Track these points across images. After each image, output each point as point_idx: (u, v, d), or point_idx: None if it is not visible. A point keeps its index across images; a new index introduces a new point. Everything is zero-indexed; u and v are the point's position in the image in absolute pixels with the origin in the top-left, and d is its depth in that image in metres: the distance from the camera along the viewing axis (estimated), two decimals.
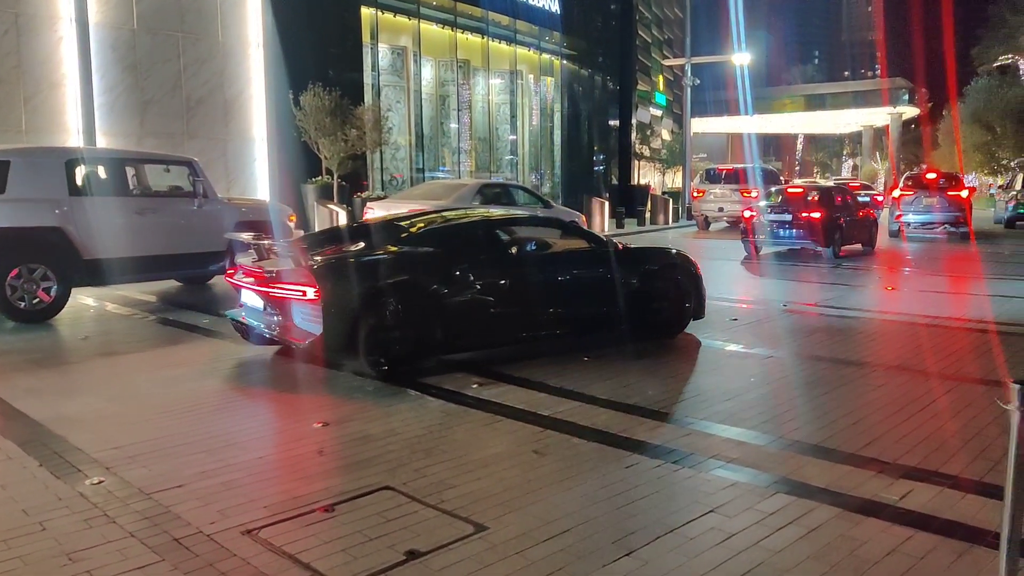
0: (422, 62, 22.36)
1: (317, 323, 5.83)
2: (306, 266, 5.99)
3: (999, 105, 45.18)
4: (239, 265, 6.82)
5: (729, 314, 9.23)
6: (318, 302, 5.77)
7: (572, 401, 5.57)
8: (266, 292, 6.21)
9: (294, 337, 6.02)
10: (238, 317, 6.73)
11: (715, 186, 23.58)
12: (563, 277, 7.19)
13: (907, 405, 5.52)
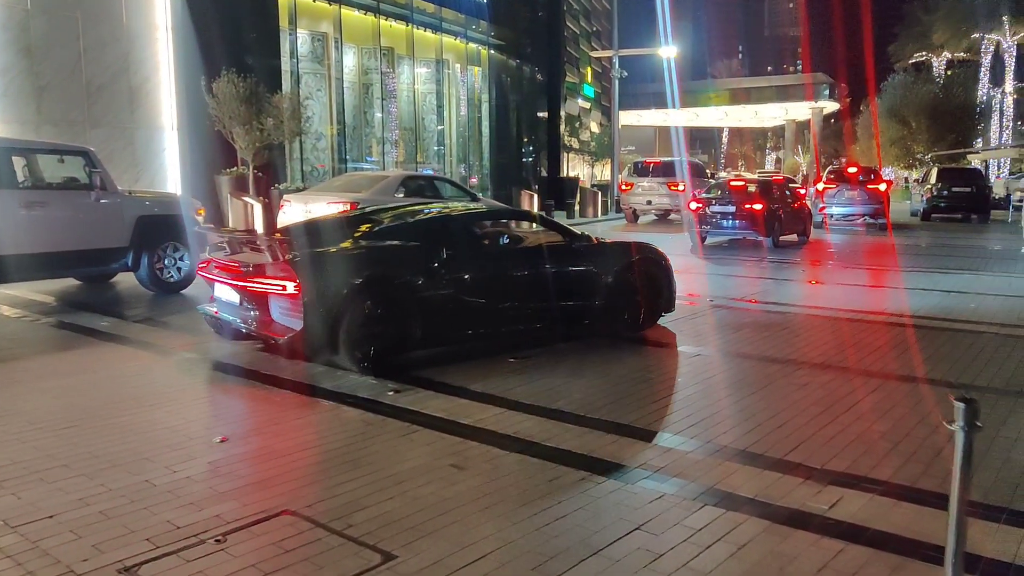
0: (344, 49, 21.71)
1: (297, 318, 5.73)
2: (285, 260, 5.86)
3: (914, 101, 46.81)
4: (211, 259, 6.67)
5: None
6: (298, 296, 5.68)
7: (494, 407, 5.30)
8: (243, 286, 6.08)
9: (273, 332, 5.92)
10: (210, 312, 6.58)
11: (643, 179, 23.60)
12: (541, 271, 7.14)
13: (832, 405, 5.42)
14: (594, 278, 7.26)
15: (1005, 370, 6.43)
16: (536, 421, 5.01)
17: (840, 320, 8.75)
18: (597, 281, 7.26)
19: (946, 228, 23.51)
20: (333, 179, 16.21)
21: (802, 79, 57.54)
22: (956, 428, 2.37)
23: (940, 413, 5.13)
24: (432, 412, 5.16)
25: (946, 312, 9.20)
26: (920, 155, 44.84)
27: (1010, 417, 5.21)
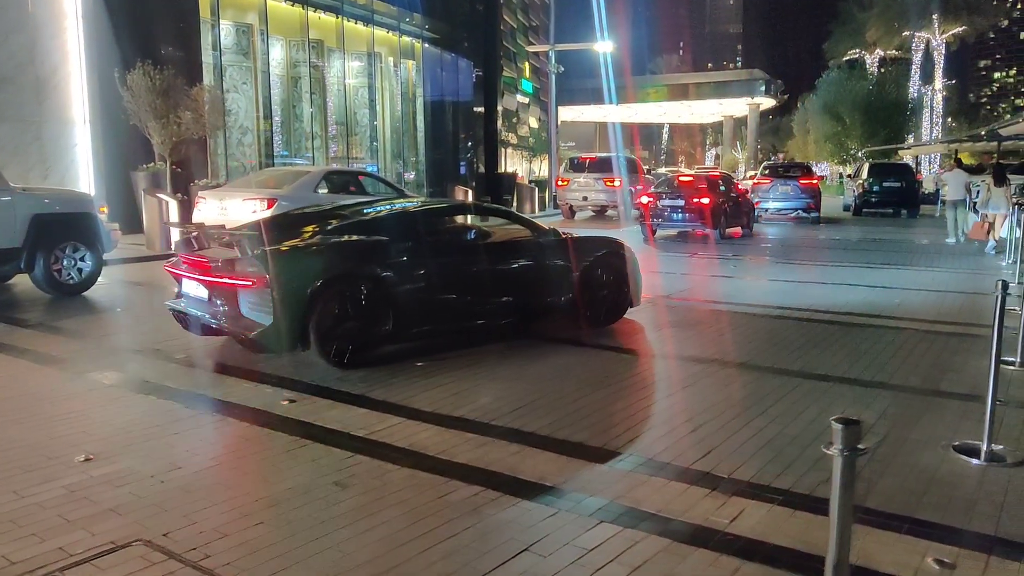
0: (271, 41, 21.06)
1: (266, 313, 5.73)
2: (254, 255, 5.86)
3: (848, 97, 47.85)
4: (179, 254, 6.63)
5: None
6: (267, 291, 5.69)
7: (393, 417, 5.00)
8: (212, 282, 6.02)
9: (242, 327, 5.88)
10: (179, 307, 6.51)
11: (579, 175, 23.48)
12: (511, 265, 7.24)
13: (749, 407, 5.25)
14: (561, 273, 7.36)
15: (922, 368, 6.36)
16: (434, 431, 4.72)
17: (769, 317, 8.66)
18: (564, 276, 7.36)
19: (876, 223, 23.91)
20: (252, 175, 15.66)
21: (738, 75, 58.26)
22: (833, 452, 2.13)
23: (850, 414, 5.00)
24: (324, 423, 4.84)
25: (870, 308, 9.18)
26: (854, 151, 45.78)
27: (923, 417, 5.10)
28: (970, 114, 76.58)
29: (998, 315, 4.33)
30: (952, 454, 4.44)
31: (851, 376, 6.10)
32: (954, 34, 56.34)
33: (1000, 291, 4.29)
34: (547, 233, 7.56)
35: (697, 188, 17.66)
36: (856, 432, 2.08)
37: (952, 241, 17.11)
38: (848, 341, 7.41)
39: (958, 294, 10.25)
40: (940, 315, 8.71)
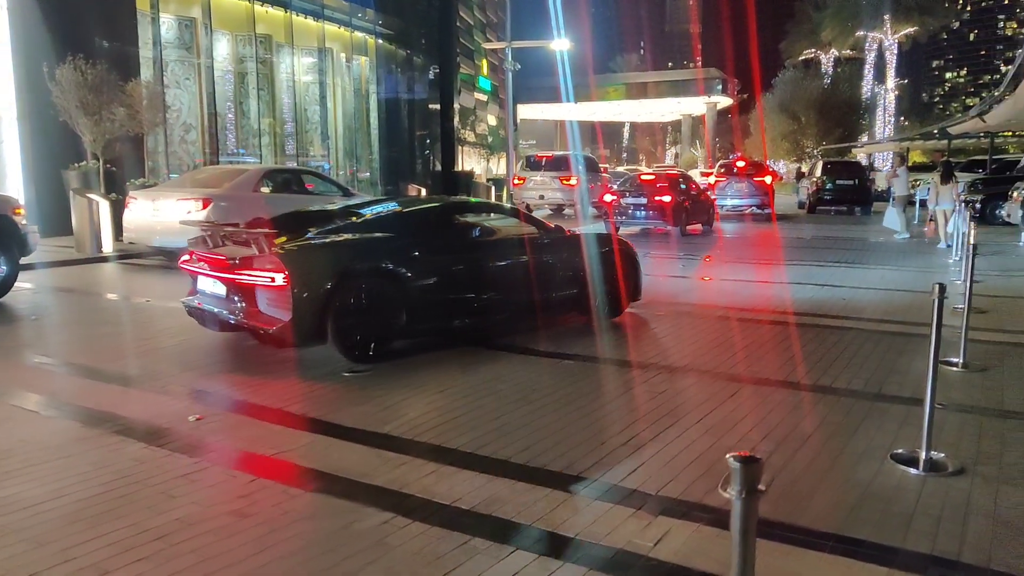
0: (216, 36, 20.49)
1: (286, 309, 5.82)
2: (273, 252, 5.93)
3: (803, 96, 48.38)
4: (193, 251, 6.72)
5: None
6: (287, 288, 5.77)
7: (311, 434, 4.70)
8: (231, 279, 6.12)
9: (261, 323, 5.96)
10: (193, 304, 6.61)
11: (536, 173, 23.28)
12: (520, 261, 7.37)
13: (686, 416, 5.04)
14: (567, 269, 7.64)
15: (865, 370, 6.21)
16: (351, 450, 4.43)
17: (715, 318, 8.49)
18: (571, 272, 7.65)
19: (829, 220, 24.07)
20: (188, 174, 15.13)
21: (695, 74, 58.51)
22: (731, 496, 1.88)
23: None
24: (231, 442, 4.52)
25: (818, 307, 9.06)
26: (809, 149, 46.24)
27: (863, 423, 4.93)
28: (922, 113, 77.99)
29: (935, 320, 4.15)
30: (890, 464, 4.27)
31: (793, 380, 5.93)
32: (906, 34, 57.19)
33: (937, 294, 4.12)
34: (552, 230, 7.77)
35: (658, 187, 18.12)
36: (756, 471, 1.84)
37: (904, 237, 17.22)
38: (792, 342, 7.26)
39: (905, 292, 10.19)
40: (887, 314, 8.61)
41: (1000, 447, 4.53)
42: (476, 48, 41.54)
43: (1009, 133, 27.41)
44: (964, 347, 6.28)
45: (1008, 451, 4.46)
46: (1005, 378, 5.96)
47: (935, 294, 4.12)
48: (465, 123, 39.19)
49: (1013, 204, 15.80)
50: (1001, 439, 4.66)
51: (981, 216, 20.88)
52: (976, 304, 8.68)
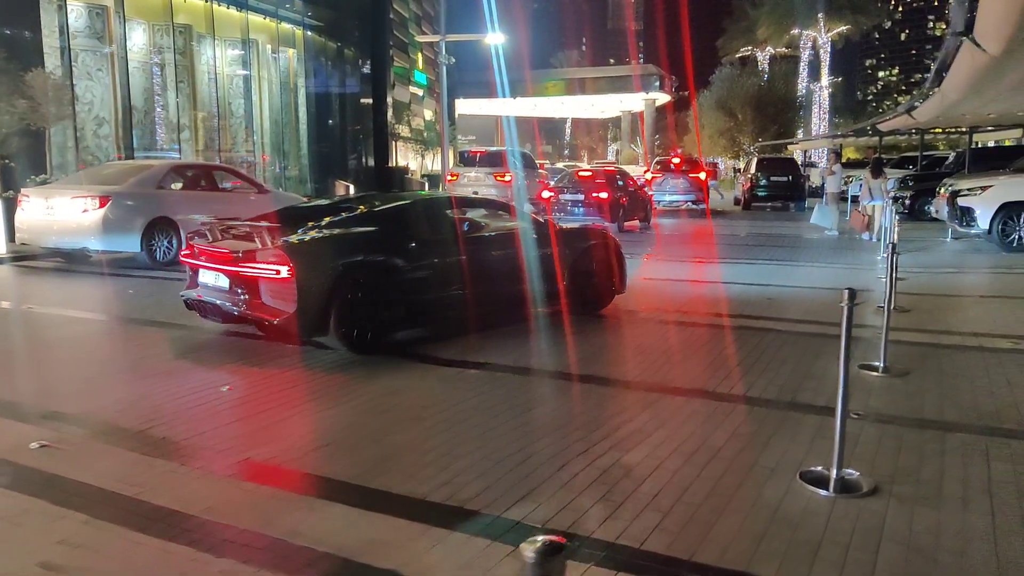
0: (130, 25, 19.52)
1: (291, 301, 5.98)
2: (278, 245, 6.09)
3: (740, 93, 48.81)
4: (194, 244, 6.85)
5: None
6: (291, 280, 5.93)
7: (167, 463, 4.17)
8: (235, 272, 6.26)
9: (266, 314, 6.12)
10: (193, 296, 6.72)
11: (470, 169, 22.81)
12: (513, 254, 7.58)
13: (591, 433, 4.67)
14: (558, 261, 7.78)
15: (782, 376, 5.92)
16: (208, 483, 3.93)
17: (634, 322, 8.17)
18: (561, 264, 7.80)
19: (763, 216, 24.19)
20: (88, 170, 14.29)
21: (632, 70, 58.60)
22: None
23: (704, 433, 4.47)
24: (79, 476, 3.97)
25: (741, 307, 8.84)
26: (746, 145, 46.67)
27: (776, 436, 4.62)
28: (856, 110, 79.53)
29: (845, 330, 3.84)
30: (799, 484, 3.95)
31: (708, 388, 5.61)
32: (839, 33, 58.18)
33: (847, 301, 3.80)
34: (542, 225, 8.03)
35: (596, 183, 18.49)
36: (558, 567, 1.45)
37: (835, 234, 17.27)
38: (712, 346, 6.98)
39: (830, 290, 10.00)
40: (809, 313, 8.39)
41: (918, 461, 4.25)
42: (411, 41, 40.81)
43: (939, 130, 27.83)
44: (885, 350, 6.04)
45: (926, 465, 4.19)
46: (926, 383, 5.73)
47: (844, 300, 3.80)
48: (400, 118, 38.46)
49: (940, 200, 15.89)
50: (919, 452, 4.38)
51: (911, 212, 21.13)
52: (900, 303, 8.55)
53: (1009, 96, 11.43)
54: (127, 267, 11.41)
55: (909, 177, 22.82)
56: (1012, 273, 11.42)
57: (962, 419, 4.96)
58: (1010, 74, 8.68)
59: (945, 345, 6.92)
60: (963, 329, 7.54)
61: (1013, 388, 5.58)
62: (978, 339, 7.10)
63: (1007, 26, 6.09)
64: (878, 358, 6.05)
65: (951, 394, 5.44)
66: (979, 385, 5.66)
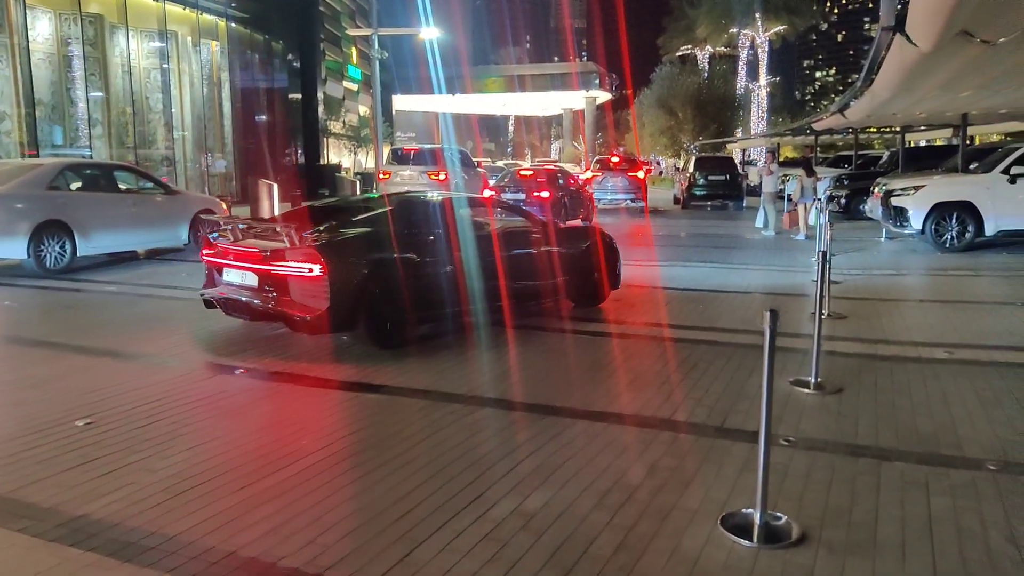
0: (34, 13, 18.29)
1: (323, 298, 6.15)
2: (309, 244, 6.26)
3: (680, 92, 48.98)
4: (216, 244, 6.99)
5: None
6: (324, 278, 6.12)
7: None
8: (266, 270, 6.40)
9: (297, 311, 6.26)
10: (214, 294, 6.86)
11: (403, 167, 22.10)
12: (523, 251, 7.91)
13: (489, 466, 4.09)
14: (562, 258, 8.11)
15: (711, 395, 5.44)
16: (30, 547, 3.25)
17: (559, 332, 7.63)
18: (565, 261, 8.12)
19: (701, 215, 24.03)
20: None
21: (572, 68, 58.32)
22: None
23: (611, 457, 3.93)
24: None
25: (675, 315, 8.45)
26: (687, 144, 46.80)
27: (699, 471, 4.11)
28: (794, 110, 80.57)
29: (767, 353, 3.34)
30: (720, 531, 3.44)
31: (630, 411, 5.10)
32: (776, 33, 58.79)
33: (768, 323, 3.30)
34: (546, 224, 8.30)
35: (537, 182, 18.47)
36: None
37: (771, 234, 17.08)
38: (640, 360, 6.48)
39: (765, 296, 9.69)
40: (743, 322, 7.95)
41: (850, 499, 3.78)
42: (344, 35, 39.73)
43: (873, 129, 28.08)
44: (817, 365, 5.60)
45: (859, 504, 3.73)
46: (861, 401, 5.30)
47: (766, 323, 3.30)
48: (332, 114, 37.42)
49: (874, 200, 15.78)
50: (853, 487, 3.92)
51: (846, 211, 21.11)
52: (836, 308, 8.20)
53: (939, 95, 11.25)
54: (12, 276, 10.46)
55: (844, 176, 22.84)
56: (946, 275, 11.22)
57: (899, 444, 4.53)
58: (941, 71, 8.39)
59: (882, 356, 6.53)
60: (900, 337, 7.18)
61: (949, 404, 5.20)
62: (916, 348, 6.75)
63: (939, 18, 5.71)
64: (811, 373, 5.61)
65: (887, 414, 5.02)
66: (916, 401, 5.26)
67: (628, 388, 5.64)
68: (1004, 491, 3.86)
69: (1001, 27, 6.40)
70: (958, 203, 13.27)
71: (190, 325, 7.61)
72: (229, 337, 7.12)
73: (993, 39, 6.62)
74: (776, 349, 6.57)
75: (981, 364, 6.27)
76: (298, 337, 6.88)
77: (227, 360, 6.34)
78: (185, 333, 7.34)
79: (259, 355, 6.46)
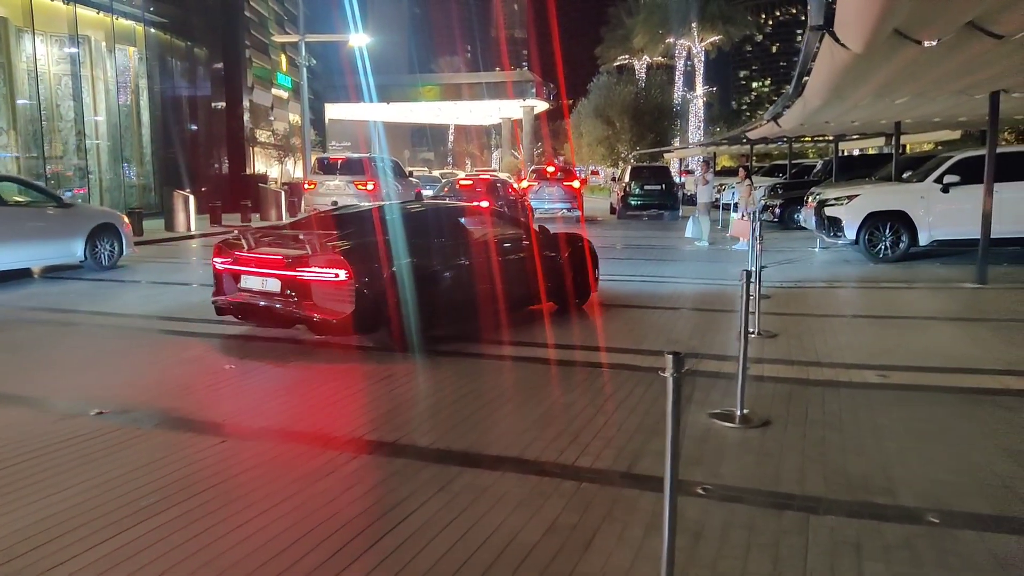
0: None
1: (348, 302, 6.49)
2: (335, 250, 6.60)
3: (618, 101, 48.86)
4: (231, 251, 7.16)
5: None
6: (349, 283, 6.48)
7: None
8: (291, 276, 6.65)
9: (323, 314, 6.56)
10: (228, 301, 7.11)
11: (329, 177, 21.28)
12: (523, 257, 8.30)
13: (371, 526, 3.44)
14: (554, 263, 8.65)
15: (624, 433, 4.86)
16: None
17: (462, 356, 7.00)
18: (557, 265, 8.67)
19: (636, 225, 23.74)
20: None
21: (509, 76, 57.78)
22: None
23: None
24: None
25: (598, 335, 7.85)
26: (624, 153, 46.69)
27: (600, 530, 3.53)
28: (731, 119, 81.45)
29: (671, 410, 2.76)
30: None
31: (529, 456, 4.49)
32: (712, 43, 59.23)
33: (671, 367, 2.72)
34: (540, 232, 8.79)
35: (476, 191, 18.70)
36: None
37: (704, 244, 16.77)
38: (547, 392, 5.88)
39: (693, 312, 9.22)
40: (670, 343, 7.43)
41: (772, 566, 3.24)
42: (271, 43, 38.56)
43: (808, 138, 28.19)
44: (742, 396, 5.08)
45: (783, 574, 3.18)
46: (788, 437, 4.79)
47: (669, 369, 2.72)
48: (260, 122, 36.23)
49: (808, 210, 15.57)
50: (775, 551, 3.37)
51: (780, 221, 20.99)
52: (767, 325, 7.76)
53: (872, 102, 10.97)
54: None
55: (779, 186, 22.77)
56: (880, 288, 10.93)
57: (828, 490, 4.01)
58: (874, 76, 8.05)
59: (813, 381, 6.05)
60: (832, 359, 6.73)
61: (882, 439, 4.72)
62: (848, 372, 6.30)
63: (870, 15, 5.29)
64: (736, 403, 5.09)
65: (816, 453, 4.51)
66: (847, 436, 4.77)
67: (534, 424, 5.04)
68: (945, 551, 3.36)
69: (936, 27, 6.02)
70: (892, 212, 13.08)
71: (63, 355, 6.80)
72: (96, 368, 6.34)
73: (927, 39, 6.23)
74: (699, 375, 6.10)
75: (916, 389, 5.84)
76: (172, 377, 6.13)
77: (84, 401, 5.56)
78: (53, 366, 6.53)
79: (137, 394, 5.70)
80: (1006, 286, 10.58)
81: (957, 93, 10.20)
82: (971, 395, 5.69)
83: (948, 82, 9.18)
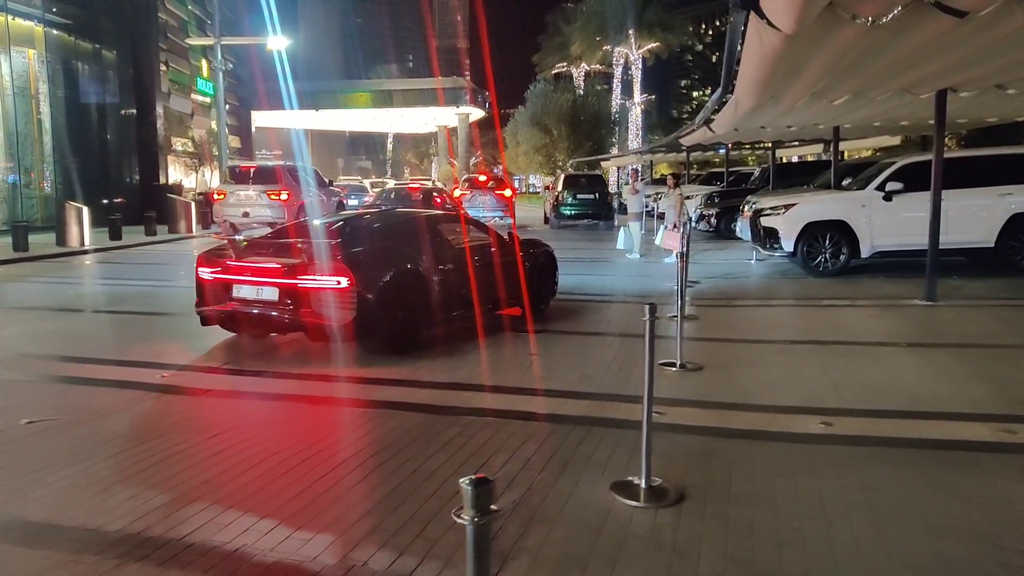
0: None
1: (350, 308, 6.62)
2: (336, 258, 6.78)
3: (555, 109, 48.27)
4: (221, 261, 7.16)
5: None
6: (351, 289, 6.60)
7: None
8: (291, 284, 6.72)
9: (324, 321, 6.64)
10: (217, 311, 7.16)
11: (240, 187, 19.93)
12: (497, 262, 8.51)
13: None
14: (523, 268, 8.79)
15: (526, 509, 3.77)
16: None
17: (323, 399, 5.86)
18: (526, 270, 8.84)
19: (569, 235, 22.87)
20: None
21: (442, 83, 56.36)
22: None
23: None
24: None
25: (496, 372, 6.76)
26: (561, 162, 45.99)
27: None
28: (670, 128, 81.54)
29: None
30: None
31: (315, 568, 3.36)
32: (650, 50, 58.97)
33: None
34: (507, 238, 9.00)
35: (414, 200, 19.03)
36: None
37: (636, 256, 15.91)
38: (410, 451, 4.74)
39: (619, 337, 8.16)
40: (582, 379, 6.37)
41: None
42: (193, 47, 36.72)
43: (747, 145, 27.64)
44: (648, 464, 4.03)
45: None
46: (706, 521, 3.74)
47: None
48: (177, 130, 34.42)
49: (743, 219, 14.77)
50: None
51: (716, 230, 20.26)
52: (690, 355, 6.78)
53: (809, 103, 10.18)
54: None
55: (715, 194, 22.07)
56: (821, 306, 10.05)
57: None
58: (809, 66, 7.20)
59: (741, 432, 5.02)
60: (765, 399, 5.72)
61: (827, 521, 3.71)
62: (784, 418, 5.30)
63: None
64: (649, 468, 4.04)
65: (743, 549, 3.46)
66: (782, 519, 3.74)
67: (367, 517, 3.91)
68: None
69: (877, 1, 5.08)
70: (831, 222, 12.30)
71: None
72: None
73: (868, 16, 5.29)
74: (618, 424, 5.03)
75: (870, 443, 4.79)
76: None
77: None
78: None
79: None
80: (960, 303, 9.76)
81: (900, 92, 9.39)
82: (942, 452, 4.66)
83: (891, 78, 8.36)
